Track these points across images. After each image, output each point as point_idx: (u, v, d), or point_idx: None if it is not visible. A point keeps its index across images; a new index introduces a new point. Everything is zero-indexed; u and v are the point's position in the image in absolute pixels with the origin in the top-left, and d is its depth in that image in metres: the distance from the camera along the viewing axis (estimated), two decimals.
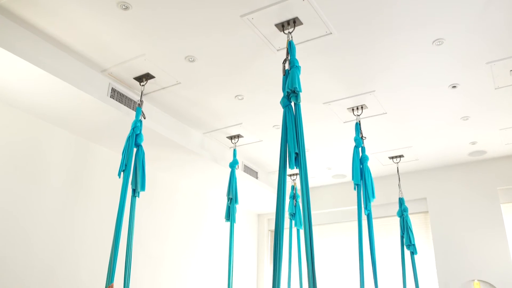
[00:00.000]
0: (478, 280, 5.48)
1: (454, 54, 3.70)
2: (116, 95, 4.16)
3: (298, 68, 3.05)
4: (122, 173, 3.49)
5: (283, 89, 3.04)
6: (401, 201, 5.27)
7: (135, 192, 3.57)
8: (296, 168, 2.83)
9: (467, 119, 4.77)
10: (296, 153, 2.80)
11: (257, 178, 6.14)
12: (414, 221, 5.96)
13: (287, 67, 3.10)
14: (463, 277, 5.56)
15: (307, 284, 2.62)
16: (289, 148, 2.83)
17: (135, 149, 3.66)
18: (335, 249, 6.67)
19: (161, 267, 5.13)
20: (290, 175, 6.10)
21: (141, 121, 3.79)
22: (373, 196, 3.98)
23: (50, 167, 4.07)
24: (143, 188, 3.57)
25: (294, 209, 5.60)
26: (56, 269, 3.95)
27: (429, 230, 6.06)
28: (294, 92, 2.94)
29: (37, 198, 3.89)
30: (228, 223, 4.68)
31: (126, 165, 3.46)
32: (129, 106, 4.23)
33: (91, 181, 4.45)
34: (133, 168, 3.59)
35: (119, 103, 4.06)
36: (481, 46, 3.61)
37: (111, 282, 3.12)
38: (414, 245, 5.04)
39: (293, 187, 5.77)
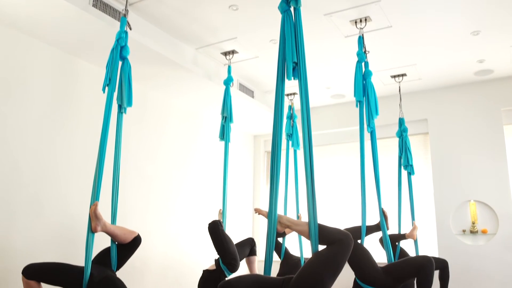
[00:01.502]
0: (474, 201, 5.46)
1: None
2: (99, 4, 3.80)
3: None
4: (106, 87, 3.24)
5: None
6: (401, 121, 5.11)
7: (121, 108, 3.34)
8: (295, 79, 2.61)
9: (477, 34, 4.46)
10: (295, 63, 2.56)
11: (253, 97, 5.92)
12: (414, 142, 5.83)
13: None
14: (460, 198, 5.54)
15: (305, 205, 2.53)
16: (287, 57, 2.58)
17: (120, 63, 3.38)
18: (333, 170, 6.61)
19: (153, 187, 5.05)
20: (288, 95, 5.87)
21: (126, 33, 3.46)
22: (377, 113, 3.79)
23: (31, 83, 3.82)
24: (129, 104, 3.35)
25: (291, 130, 5.44)
26: (43, 190, 3.83)
27: (428, 151, 5.96)
28: None
29: (18, 117, 3.70)
30: (223, 144, 4.52)
31: (110, 79, 3.20)
32: (113, 17, 3.89)
33: (76, 98, 4.23)
34: (118, 83, 3.34)
35: (103, 13, 3.73)
36: None
37: (95, 200, 2.99)
38: (411, 165, 4.96)
39: (290, 107, 5.56)
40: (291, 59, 2.56)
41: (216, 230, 3.99)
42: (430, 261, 3.47)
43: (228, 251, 3.93)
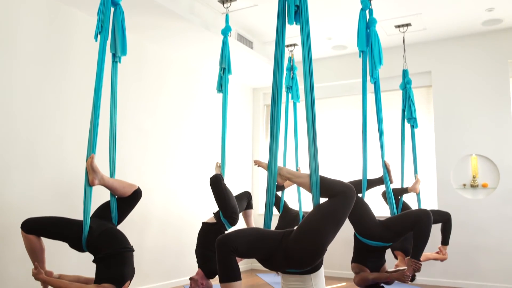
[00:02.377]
0: (476, 155, 5.40)
1: None
2: None
3: None
4: (98, 36, 3.09)
5: None
6: (404, 73, 4.97)
7: (115, 57, 3.20)
8: (296, 24, 2.46)
9: None
10: (297, 6, 2.41)
11: (252, 48, 5.73)
12: (417, 95, 5.70)
13: None
14: (461, 152, 5.48)
15: (304, 159, 2.46)
16: (288, 0, 2.43)
17: (112, 9, 3.20)
18: (333, 124, 6.51)
19: (151, 140, 4.97)
20: (288, 46, 5.68)
21: None
22: (381, 63, 3.64)
23: (22, 33, 3.66)
24: (123, 53, 3.20)
25: (291, 82, 5.29)
26: (38, 143, 3.75)
27: (431, 104, 5.84)
28: None
29: (10, 69, 3.56)
30: (221, 96, 4.40)
31: (102, 26, 3.04)
32: None
33: (68, 48, 4.07)
34: (111, 31, 3.18)
35: None
36: None
37: (91, 153, 2.91)
38: (415, 118, 4.86)
39: (290, 59, 5.39)
40: (293, 2, 2.40)
41: (218, 184, 3.97)
42: (427, 215, 3.43)
43: (230, 205, 3.93)
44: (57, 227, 2.85)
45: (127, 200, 3.10)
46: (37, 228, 2.81)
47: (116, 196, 3.07)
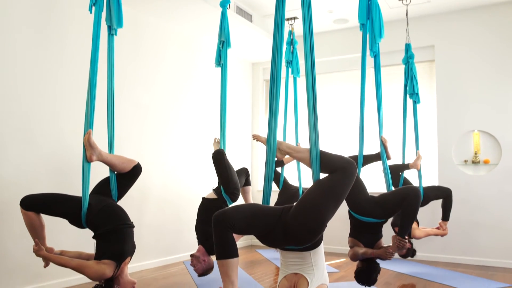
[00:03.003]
0: (478, 131, 5.34)
1: None
2: None
3: None
4: (93, 7, 2.99)
5: None
6: (407, 47, 4.85)
7: (111, 30, 3.11)
8: None
9: None
10: None
11: (251, 21, 5.61)
12: (419, 70, 5.59)
13: None
14: (464, 128, 5.42)
15: (304, 135, 2.40)
16: None
17: None
18: (334, 99, 6.43)
19: (149, 115, 4.91)
20: (288, 19, 5.55)
21: None
22: (381, 36, 3.53)
23: (14, 6, 3.54)
24: (119, 25, 3.11)
25: (291, 56, 5.19)
26: (34, 118, 3.69)
27: (434, 79, 5.75)
28: None
29: (4, 42, 3.47)
30: (220, 70, 4.31)
31: None
32: None
33: (63, 21, 3.98)
34: (106, 2, 3.08)
35: None
36: None
37: (89, 129, 2.86)
38: (417, 94, 4.77)
39: (290, 32, 5.27)
40: None
41: (222, 159, 3.94)
42: (414, 192, 3.38)
43: (232, 180, 3.91)
44: (56, 204, 2.82)
45: (126, 176, 3.05)
46: (36, 205, 2.78)
47: (115, 172, 3.03)
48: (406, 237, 3.63)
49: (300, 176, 5.17)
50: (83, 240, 3.67)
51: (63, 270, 3.39)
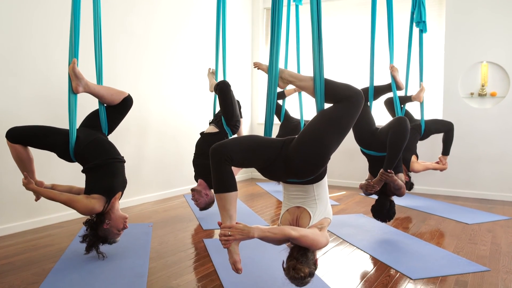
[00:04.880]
0: (487, 62, 5.13)
1: None
2: None
3: None
4: None
5: None
6: None
7: None
8: None
9: None
10: None
11: None
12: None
13: None
14: (472, 59, 5.20)
15: (307, 65, 2.22)
16: None
17: None
18: (339, 29, 6.12)
19: (145, 47, 4.67)
20: None
21: None
22: None
23: None
24: None
25: None
26: (21, 48, 3.48)
27: (443, 8, 5.44)
28: None
29: None
30: None
31: None
32: None
33: None
34: None
35: None
36: None
37: (73, 58, 2.67)
38: (424, 22, 4.48)
39: None
40: None
41: (228, 90, 3.86)
42: (399, 120, 3.20)
43: (235, 113, 3.90)
44: (43, 137, 2.69)
45: (117, 108, 2.89)
46: (22, 137, 2.65)
47: (104, 104, 2.87)
48: (403, 174, 3.53)
49: (302, 108, 5.01)
50: (80, 174, 3.60)
51: (58, 205, 3.35)
